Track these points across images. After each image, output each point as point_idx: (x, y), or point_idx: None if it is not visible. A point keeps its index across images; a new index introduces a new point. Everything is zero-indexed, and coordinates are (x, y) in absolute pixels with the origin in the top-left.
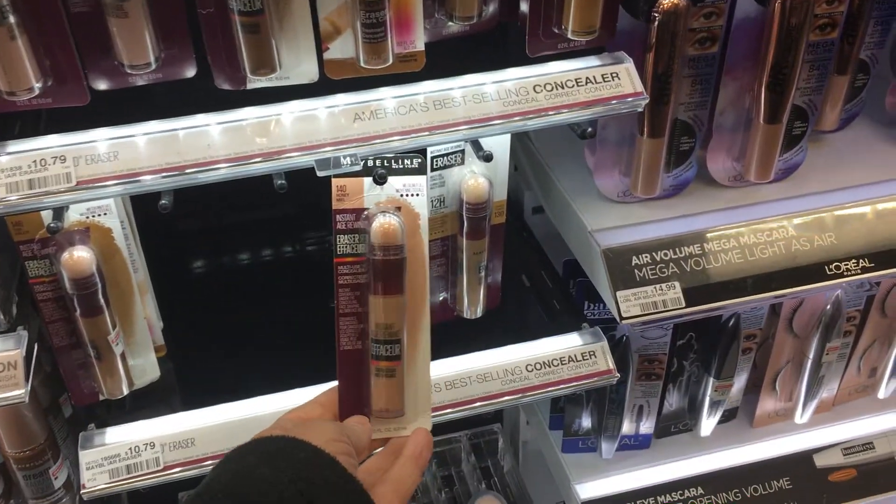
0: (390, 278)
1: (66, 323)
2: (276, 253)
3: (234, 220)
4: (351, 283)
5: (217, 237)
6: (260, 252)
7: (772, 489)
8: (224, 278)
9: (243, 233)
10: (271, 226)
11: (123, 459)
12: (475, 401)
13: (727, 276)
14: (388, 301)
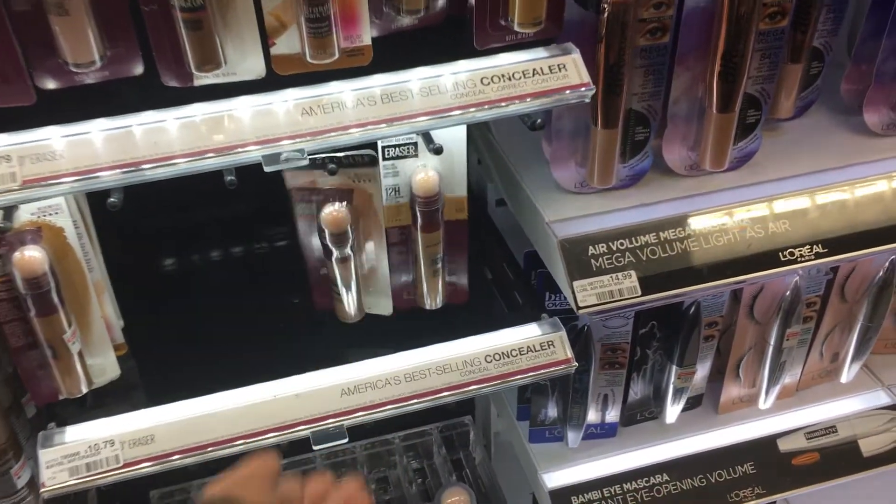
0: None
1: (22, 323)
2: (235, 250)
3: (193, 218)
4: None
5: (176, 235)
6: (219, 249)
7: (736, 474)
8: (184, 276)
9: (202, 230)
10: (230, 223)
11: (83, 457)
12: (435, 392)
13: (683, 265)
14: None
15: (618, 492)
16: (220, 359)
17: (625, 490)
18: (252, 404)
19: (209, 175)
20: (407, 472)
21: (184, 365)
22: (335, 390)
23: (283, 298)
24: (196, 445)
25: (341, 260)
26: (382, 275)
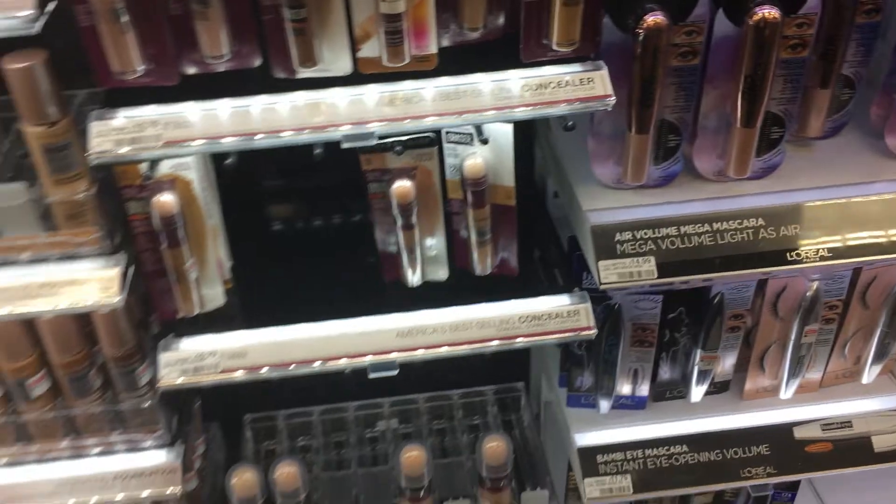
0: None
1: (154, 253)
2: (324, 212)
3: (291, 183)
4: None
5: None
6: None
7: (751, 453)
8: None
9: (298, 194)
10: (321, 190)
11: (191, 363)
12: (473, 342)
13: (697, 256)
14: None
15: (639, 456)
16: (304, 299)
17: (645, 455)
18: (328, 335)
19: (305, 148)
20: (462, 427)
21: (276, 301)
22: (392, 332)
23: (361, 256)
24: (279, 363)
25: (406, 228)
26: (439, 244)
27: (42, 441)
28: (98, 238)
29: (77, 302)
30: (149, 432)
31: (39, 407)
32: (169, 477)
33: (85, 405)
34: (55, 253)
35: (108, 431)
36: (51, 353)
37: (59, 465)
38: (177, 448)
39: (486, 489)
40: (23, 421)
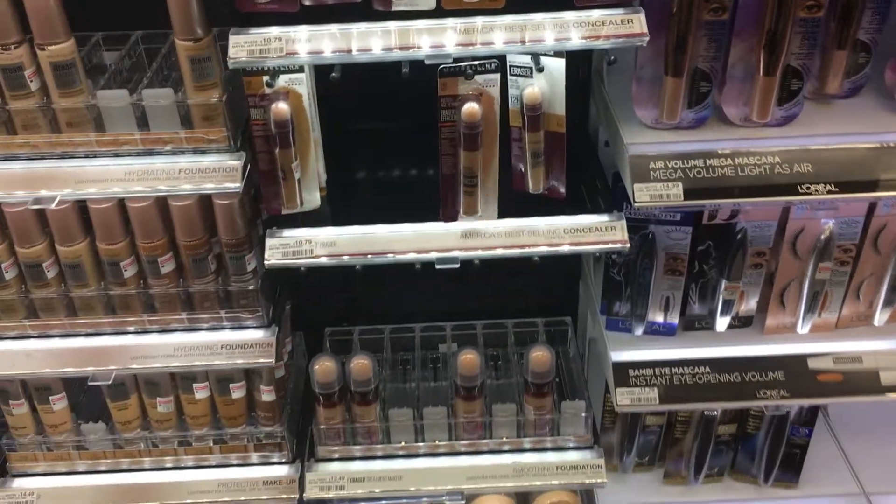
0: (471, 142)
1: (268, 154)
2: (407, 128)
3: (380, 102)
4: (448, 137)
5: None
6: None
7: (767, 378)
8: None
9: (387, 112)
10: (405, 107)
11: (291, 248)
12: (524, 247)
13: (720, 184)
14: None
15: (666, 373)
16: (385, 208)
17: (672, 372)
18: (403, 234)
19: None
20: (515, 353)
21: (361, 205)
22: (457, 234)
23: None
24: (361, 252)
25: (469, 148)
26: (493, 170)
27: (164, 313)
28: (226, 137)
29: (206, 186)
30: (250, 313)
31: (166, 283)
32: (265, 350)
33: (202, 284)
34: (190, 147)
35: (217, 309)
36: (179, 236)
37: (177, 335)
38: (272, 329)
39: (531, 395)
40: (151, 294)
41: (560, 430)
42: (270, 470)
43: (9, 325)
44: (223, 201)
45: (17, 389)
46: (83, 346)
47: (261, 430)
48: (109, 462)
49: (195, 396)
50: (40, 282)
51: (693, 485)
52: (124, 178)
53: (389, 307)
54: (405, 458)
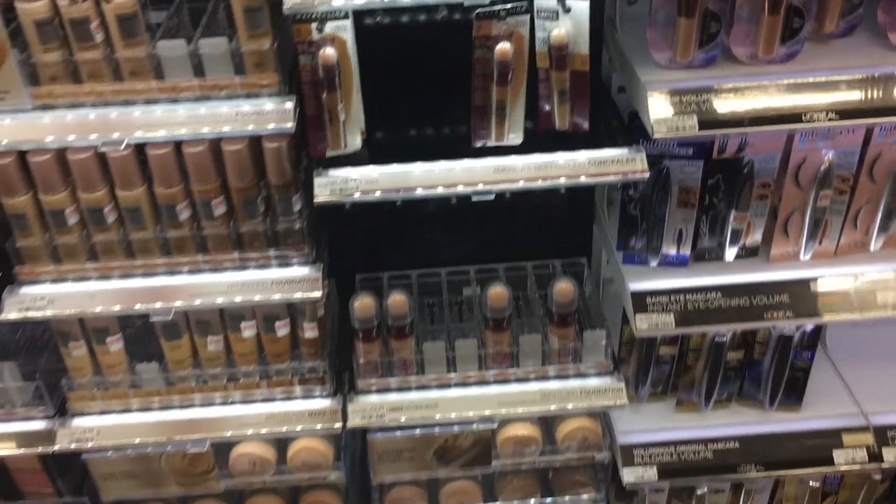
0: (503, 77)
1: (315, 99)
2: (443, 71)
3: (417, 49)
4: (481, 73)
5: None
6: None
7: (773, 300)
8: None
9: (423, 56)
10: (441, 52)
11: (337, 185)
12: (552, 178)
13: (731, 115)
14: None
15: (680, 299)
16: (419, 145)
17: (686, 299)
18: (441, 170)
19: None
20: (535, 294)
21: (398, 146)
22: (490, 168)
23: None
24: (403, 187)
25: (501, 83)
26: (520, 102)
27: (216, 253)
28: (277, 82)
29: (261, 126)
30: (297, 251)
31: (218, 225)
32: (312, 285)
33: (252, 225)
34: (244, 92)
35: (266, 248)
36: (231, 180)
37: (228, 273)
38: (317, 265)
39: (555, 325)
40: (204, 235)
41: (582, 358)
42: (314, 403)
43: (72, 269)
44: (273, 145)
45: (77, 331)
46: (141, 286)
47: (304, 366)
48: (162, 399)
49: (243, 335)
50: (101, 226)
51: (703, 411)
52: (185, 121)
53: (414, 257)
54: (439, 389)
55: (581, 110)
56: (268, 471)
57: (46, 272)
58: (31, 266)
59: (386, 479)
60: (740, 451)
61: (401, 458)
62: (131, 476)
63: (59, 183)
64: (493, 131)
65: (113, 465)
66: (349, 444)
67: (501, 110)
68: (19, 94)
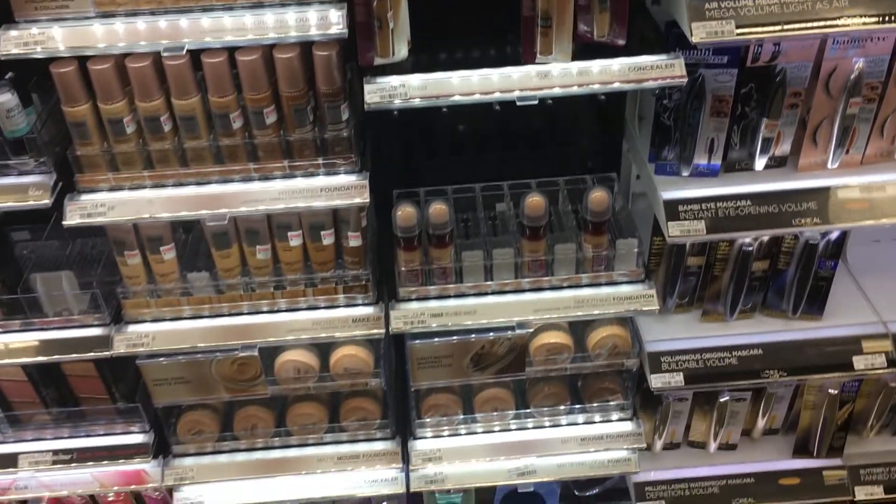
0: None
1: (366, 6)
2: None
3: None
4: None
5: None
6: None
7: (801, 207)
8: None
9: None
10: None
11: (386, 91)
12: (591, 83)
13: (768, 20)
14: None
15: (711, 207)
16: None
17: (716, 206)
18: (485, 77)
19: None
20: (567, 207)
21: (443, 58)
22: (533, 74)
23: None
24: (449, 93)
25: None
26: (568, 14)
27: (267, 161)
28: None
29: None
30: (344, 159)
31: (269, 133)
32: (359, 191)
33: (301, 133)
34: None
35: (315, 156)
36: (282, 88)
37: (279, 181)
38: (363, 174)
39: (589, 233)
40: (256, 143)
41: (614, 266)
42: (357, 310)
43: (129, 177)
44: (323, 52)
45: (132, 240)
46: (195, 193)
47: (348, 274)
48: (212, 307)
49: (290, 244)
50: (157, 135)
51: (728, 321)
52: (240, 27)
53: (450, 174)
54: (476, 296)
55: (619, 22)
56: (311, 377)
57: (105, 180)
58: (90, 174)
59: (423, 386)
60: (763, 357)
61: (439, 365)
62: (182, 381)
63: (117, 91)
64: (539, 44)
65: (165, 371)
66: (388, 353)
67: (546, 20)
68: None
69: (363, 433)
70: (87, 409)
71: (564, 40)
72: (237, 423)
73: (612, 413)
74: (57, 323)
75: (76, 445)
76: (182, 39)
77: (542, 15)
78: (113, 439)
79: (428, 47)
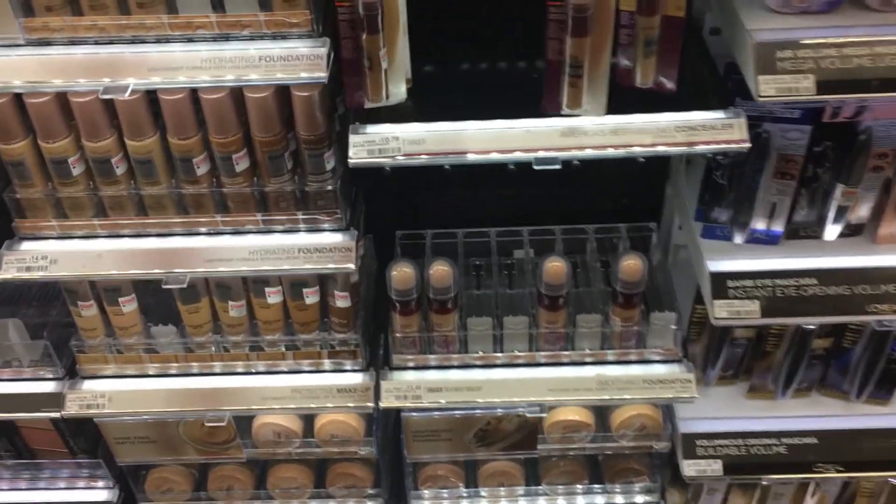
0: (579, 27)
1: (353, 41)
2: (499, 24)
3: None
4: (556, 18)
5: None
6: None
7: (879, 291)
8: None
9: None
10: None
11: (377, 145)
12: (630, 146)
13: (856, 76)
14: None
15: (768, 284)
16: (475, 102)
17: (775, 284)
18: (498, 130)
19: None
20: (596, 262)
21: (450, 101)
22: (557, 131)
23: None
24: (455, 150)
25: (577, 33)
26: (603, 60)
27: (238, 213)
28: (309, 20)
29: (289, 76)
30: (328, 215)
31: (240, 181)
32: (344, 255)
33: (278, 183)
34: (269, 31)
35: (294, 210)
36: (255, 131)
37: (251, 237)
38: (351, 232)
39: (619, 305)
40: (225, 193)
41: (647, 342)
42: (344, 377)
43: (78, 224)
44: (303, 93)
45: (86, 290)
46: (154, 247)
47: (334, 337)
48: (180, 366)
49: (268, 301)
50: (109, 178)
51: (779, 399)
52: (199, 65)
53: (460, 211)
54: (483, 369)
55: (669, 65)
56: (293, 442)
57: (49, 227)
58: (32, 219)
59: (420, 459)
60: (818, 447)
61: (438, 439)
62: (147, 441)
63: (61, 128)
64: (566, 95)
65: (128, 430)
66: (381, 417)
67: (577, 68)
68: (9, 25)
69: (353, 501)
70: (45, 461)
71: (598, 91)
72: (212, 482)
73: (636, 495)
74: (4, 375)
75: (34, 500)
76: (126, 78)
77: (571, 62)
78: (75, 494)
79: (433, 88)
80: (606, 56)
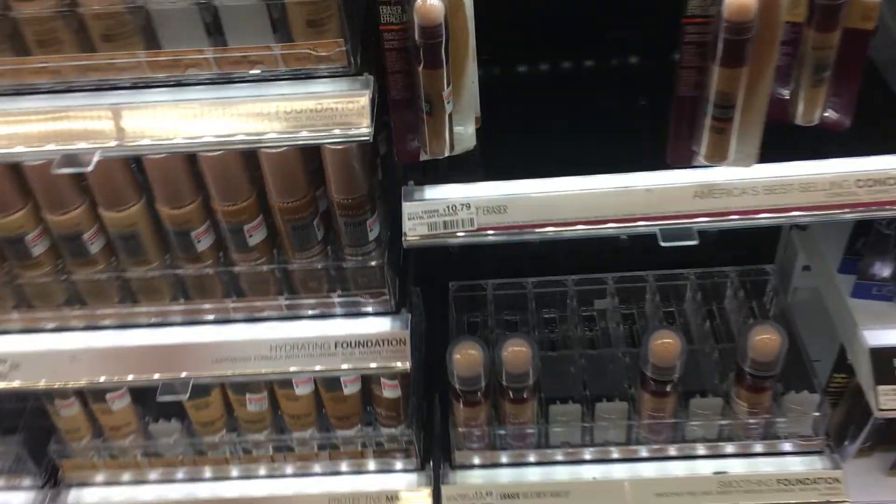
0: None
1: (406, 76)
2: (586, 54)
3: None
4: (696, 41)
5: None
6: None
7: None
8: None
9: (569, 33)
10: (583, 25)
11: (441, 215)
12: (793, 209)
13: None
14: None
15: None
16: (568, 149)
17: None
18: (601, 192)
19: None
20: (700, 311)
21: (534, 149)
22: (688, 191)
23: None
24: (544, 222)
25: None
26: (761, 96)
27: (254, 297)
28: (343, 53)
29: (318, 133)
30: (373, 296)
31: (255, 258)
32: (397, 349)
33: (306, 258)
34: (289, 69)
35: (326, 291)
36: (272, 196)
37: (273, 325)
38: (403, 316)
39: (746, 387)
40: (236, 272)
41: (779, 431)
42: (393, 480)
43: (44, 316)
44: (337, 147)
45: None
46: (146, 343)
47: (381, 433)
48: (188, 470)
49: (295, 392)
50: (82, 258)
51: None
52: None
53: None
54: (568, 465)
55: (844, 96)
56: None
57: (9, 320)
58: None
59: None
60: None
61: None
62: None
63: (12, 198)
64: (706, 144)
65: None
66: None
67: (725, 109)
68: None
69: None
70: None
71: (750, 136)
72: None
73: None
74: None
75: None
76: (91, 141)
77: (718, 100)
78: None
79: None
80: (766, 89)
